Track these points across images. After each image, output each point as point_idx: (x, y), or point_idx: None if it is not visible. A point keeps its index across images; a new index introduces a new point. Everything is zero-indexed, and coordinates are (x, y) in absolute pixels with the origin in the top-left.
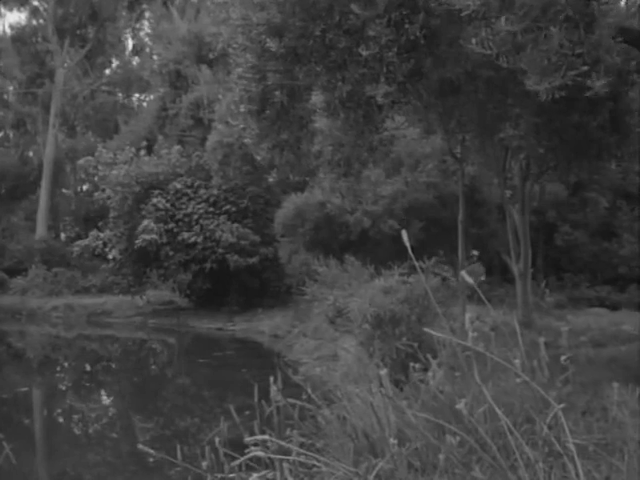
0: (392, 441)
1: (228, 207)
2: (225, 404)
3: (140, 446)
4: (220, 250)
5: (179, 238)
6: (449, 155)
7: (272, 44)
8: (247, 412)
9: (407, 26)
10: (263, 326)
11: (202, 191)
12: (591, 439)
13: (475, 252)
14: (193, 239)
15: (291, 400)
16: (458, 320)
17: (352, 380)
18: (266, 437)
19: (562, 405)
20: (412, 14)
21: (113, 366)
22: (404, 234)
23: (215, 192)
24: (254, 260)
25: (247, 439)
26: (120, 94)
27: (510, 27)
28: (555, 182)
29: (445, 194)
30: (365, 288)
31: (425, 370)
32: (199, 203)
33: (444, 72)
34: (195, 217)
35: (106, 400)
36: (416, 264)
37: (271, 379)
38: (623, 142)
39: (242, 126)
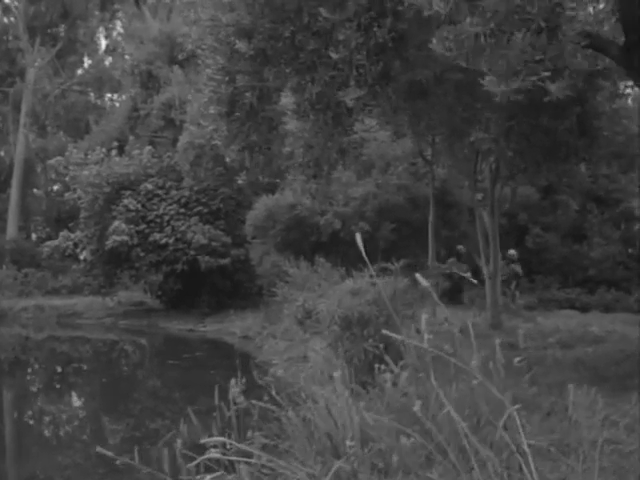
0: (349, 442)
1: (200, 208)
2: (191, 406)
3: (98, 449)
4: (191, 251)
5: (150, 239)
6: (420, 157)
7: (241, 45)
8: (214, 414)
9: (376, 29)
10: (234, 327)
11: (173, 192)
12: (552, 440)
13: (512, 251)
14: (164, 240)
15: (254, 402)
16: (428, 322)
17: (319, 381)
18: (223, 439)
19: (517, 406)
20: (381, 18)
21: (82, 368)
22: (358, 237)
23: (186, 193)
24: (225, 261)
25: (203, 440)
26: (92, 94)
27: (474, 29)
28: (526, 185)
29: (416, 196)
30: (334, 290)
31: (392, 372)
32: (170, 204)
33: (413, 75)
34: (166, 218)
35: (73, 403)
36: (368, 268)
37: (232, 381)
38: (591, 145)
39: (212, 127)
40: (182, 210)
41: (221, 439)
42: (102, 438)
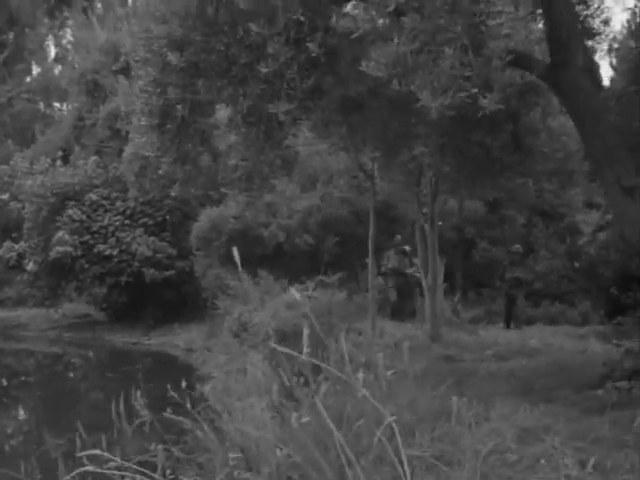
0: (231, 455)
1: (145, 220)
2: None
3: None
4: (136, 263)
5: (94, 250)
6: (360, 171)
7: (173, 58)
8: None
9: (309, 44)
10: (179, 340)
11: (119, 203)
12: (444, 451)
13: (518, 246)
14: (109, 252)
15: (166, 415)
16: (367, 334)
17: (255, 394)
18: (97, 452)
19: (394, 417)
20: (312, 33)
21: (18, 381)
22: (235, 251)
23: (132, 204)
24: (170, 273)
25: (79, 454)
26: (42, 103)
27: (401, 49)
28: (474, 199)
29: (360, 209)
30: (271, 302)
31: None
32: (115, 215)
33: (346, 90)
34: (111, 229)
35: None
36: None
37: (138, 393)
38: (524, 161)
39: (144, 139)
40: (127, 221)
41: (95, 452)
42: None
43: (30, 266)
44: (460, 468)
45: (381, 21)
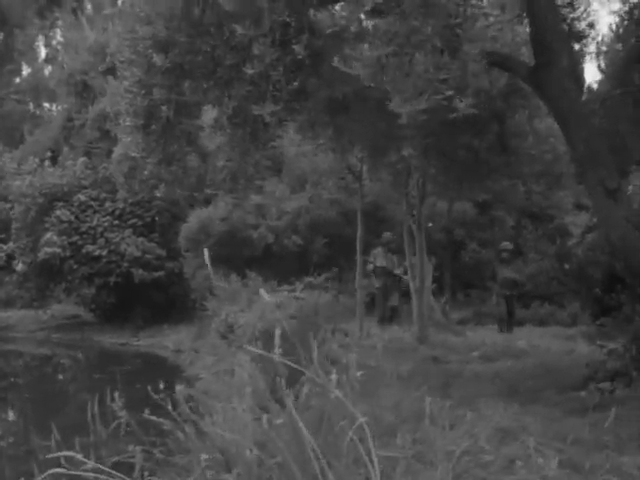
0: (204, 456)
1: (134, 220)
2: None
3: None
4: (125, 264)
5: (83, 251)
6: (348, 172)
7: (158, 59)
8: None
9: (295, 46)
10: (168, 341)
11: (108, 204)
12: (419, 451)
13: (507, 243)
14: (97, 252)
15: (147, 416)
16: (354, 336)
17: (238, 395)
18: (70, 454)
19: (365, 418)
20: (298, 34)
21: (7, 383)
22: (205, 252)
23: (121, 205)
24: (160, 274)
25: (49, 456)
26: (31, 103)
27: (375, 51)
28: (462, 201)
29: (348, 211)
30: (258, 303)
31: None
32: (104, 216)
33: (332, 92)
34: (100, 230)
35: None
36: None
37: (115, 394)
38: (510, 163)
39: (129, 140)
40: (116, 222)
41: (68, 453)
42: None
43: (20, 267)
44: (433, 469)
45: (357, 22)
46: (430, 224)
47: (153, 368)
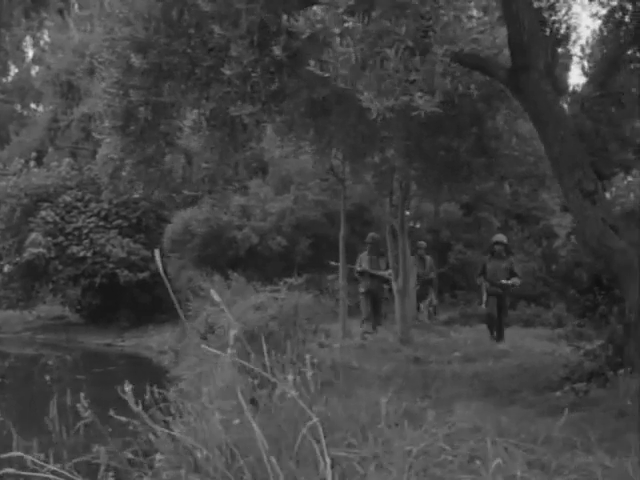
0: (158, 457)
1: (119, 221)
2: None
3: None
4: (110, 265)
5: (68, 252)
6: (331, 174)
7: (136, 60)
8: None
9: (273, 47)
10: (152, 342)
11: (93, 205)
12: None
13: (501, 235)
14: (82, 253)
15: (114, 415)
16: (336, 336)
17: (222, 396)
18: (20, 454)
19: (317, 418)
20: (276, 36)
21: None
22: (156, 253)
23: (106, 206)
24: (145, 275)
25: (1, 456)
26: (18, 104)
27: (346, 50)
28: (446, 202)
29: (333, 212)
30: (239, 304)
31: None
32: (89, 217)
33: (311, 93)
34: (85, 231)
35: None
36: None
37: (81, 395)
38: (489, 165)
39: (108, 141)
40: (101, 223)
41: (18, 454)
42: None
43: (6, 267)
44: (387, 469)
45: (339, 23)
46: (417, 225)
47: (136, 369)
